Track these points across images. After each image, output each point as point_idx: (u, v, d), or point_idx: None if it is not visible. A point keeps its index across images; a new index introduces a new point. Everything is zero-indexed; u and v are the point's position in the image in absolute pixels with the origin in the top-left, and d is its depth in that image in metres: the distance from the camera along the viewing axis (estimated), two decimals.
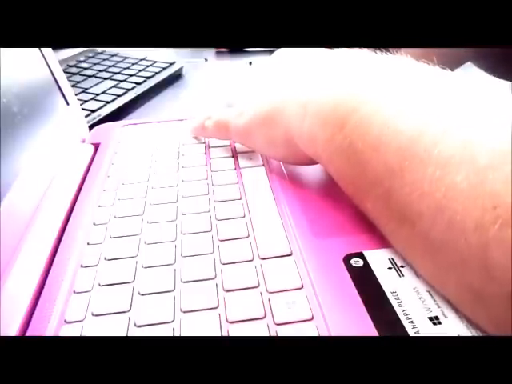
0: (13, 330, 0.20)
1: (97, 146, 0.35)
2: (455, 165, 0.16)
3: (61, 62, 0.55)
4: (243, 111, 0.29)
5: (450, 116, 0.17)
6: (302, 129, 0.23)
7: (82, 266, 0.23)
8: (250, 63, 0.59)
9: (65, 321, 0.20)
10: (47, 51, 0.33)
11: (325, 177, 0.30)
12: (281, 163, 0.31)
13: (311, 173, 0.30)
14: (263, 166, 0.31)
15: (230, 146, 0.34)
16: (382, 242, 0.23)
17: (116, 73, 0.53)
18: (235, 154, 0.33)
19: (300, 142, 0.25)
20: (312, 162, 0.26)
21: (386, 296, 0.20)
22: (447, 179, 0.16)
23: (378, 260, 0.22)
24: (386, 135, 0.19)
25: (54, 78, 0.34)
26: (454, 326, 0.18)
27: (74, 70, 0.54)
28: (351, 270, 0.21)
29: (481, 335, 0.18)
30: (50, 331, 0.20)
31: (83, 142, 0.36)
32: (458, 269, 0.16)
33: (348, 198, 0.25)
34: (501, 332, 0.16)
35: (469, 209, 0.15)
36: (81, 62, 0.56)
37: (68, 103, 0.35)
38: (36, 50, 0.32)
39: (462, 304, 0.18)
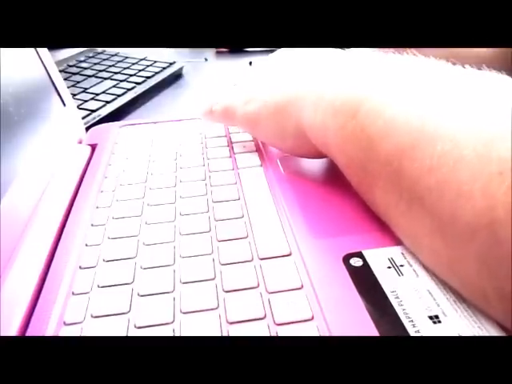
0: (12, 333, 0.19)
1: (94, 147, 0.35)
2: (463, 139, 0.17)
3: (61, 61, 0.55)
4: (252, 99, 0.29)
5: (459, 98, 0.18)
6: (315, 120, 0.24)
7: (80, 268, 0.23)
8: (250, 63, 0.59)
9: (64, 322, 0.20)
10: (43, 52, 0.33)
11: (324, 176, 0.29)
12: (278, 163, 0.31)
13: (310, 173, 0.30)
14: (261, 166, 0.31)
15: (227, 146, 0.34)
16: (382, 241, 0.23)
17: (116, 73, 0.53)
18: (233, 155, 0.33)
19: (311, 133, 0.25)
20: (317, 155, 0.27)
21: (386, 295, 0.20)
22: (455, 153, 0.17)
23: (378, 259, 0.22)
24: (397, 119, 0.20)
25: (51, 79, 0.33)
26: (454, 325, 0.18)
27: (73, 69, 0.53)
28: (351, 269, 0.21)
29: (481, 335, 0.18)
30: (49, 333, 0.19)
31: (80, 142, 0.36)
32: (465, 239, 0.17)
33: (347, 197, 0.25)
34: (505, 305, 0.16)
35: (476, 177, 0.16)
36: (81, 61, 0.56)
37: (64, 104, 0.35)
38: (32, 50, 0.32)
39: (468, 286, 0.18)
